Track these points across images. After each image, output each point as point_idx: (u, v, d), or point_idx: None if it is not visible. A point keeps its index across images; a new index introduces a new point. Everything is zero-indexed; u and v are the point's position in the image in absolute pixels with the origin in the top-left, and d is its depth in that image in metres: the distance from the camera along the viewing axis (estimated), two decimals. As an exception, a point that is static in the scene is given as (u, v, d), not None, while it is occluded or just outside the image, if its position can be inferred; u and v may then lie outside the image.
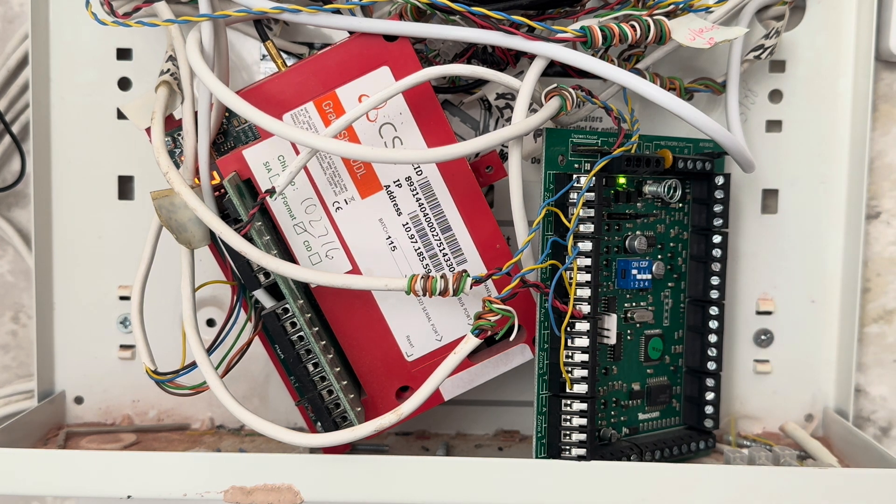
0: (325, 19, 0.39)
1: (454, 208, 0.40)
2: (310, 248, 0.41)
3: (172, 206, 0.39)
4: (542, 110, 0.38)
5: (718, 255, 0.44)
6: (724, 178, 0.44)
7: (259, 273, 0.40)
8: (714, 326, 0.45)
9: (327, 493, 0.40)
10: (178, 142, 0.43)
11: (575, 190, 0.38)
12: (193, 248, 0.41)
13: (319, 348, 0.40)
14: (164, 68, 0.43)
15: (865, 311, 0.52)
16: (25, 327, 0.53)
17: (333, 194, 0.40)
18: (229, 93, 0.38)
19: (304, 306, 0.40)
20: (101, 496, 0.40)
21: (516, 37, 0.37)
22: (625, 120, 0.40)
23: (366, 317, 0.42)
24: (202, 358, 0.40)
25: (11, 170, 0.52)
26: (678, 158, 0.42)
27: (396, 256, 0.41)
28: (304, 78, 0.39)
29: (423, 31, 0.38)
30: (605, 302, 0.42)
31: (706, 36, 0.38)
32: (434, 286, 0.36)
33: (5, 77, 0.50)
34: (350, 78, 0.39)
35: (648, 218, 0.43)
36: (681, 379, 0.46)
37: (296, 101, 0.40)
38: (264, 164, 0.40)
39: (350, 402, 0.41)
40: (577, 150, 0.40)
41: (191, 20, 0.38)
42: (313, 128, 0.40)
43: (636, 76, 0.37)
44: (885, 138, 0.51)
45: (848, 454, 0.47)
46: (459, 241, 0.41)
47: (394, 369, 0.42)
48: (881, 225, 0.52)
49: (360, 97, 0.39)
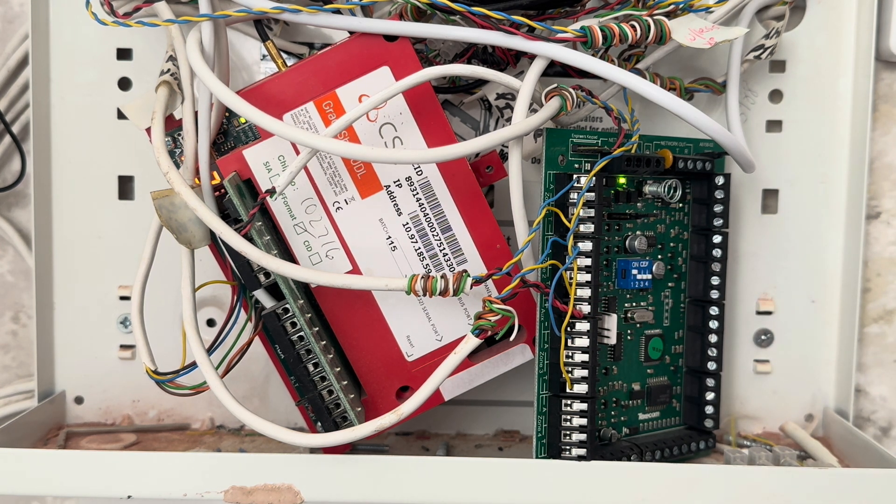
0: (325, 19, 0.39)
1: (454, 208, 0.40)
2: (310, 248, 0.41)
3: (173, 206, 0.39)
4: (542, 110, 0.38)
5: (718, 255, 0.44)
6: (724, 178, 0.44)
7: (259, 273, 0.40)
8: (714, 326, 0.44)
9: (327, 493, 0.40)
10: (178, 142, 0.43)
11: (575, 190, 0.38)
12: (193, 248, 0.41)
13: (320, 348, 0.40)
14: (164, 68, 0.43)
15: (865, 311, 0.52)
16: (25, 327, 0.53)
17: (333, 194, 0.40)
18: (229, 93, 0.38)
19: (305, 306, 0.40)
20: (101, 496, 0.40)
21: (516, 37, 0.37)
22: (625, 120, 0.40)
23: (366, 317, 0.42)
24: (202, 358, 0.40)
25: (11, 170, 0.52)
26: (678, 158, 0.42)
27: (396, 256, 0.41)
28: (304, 78, 0.39)
29: (423, 31, 0.38)
30: (606, 302, 0.42)
31: (706, 36, 0.38)
32: (434, 286, 0.36)
33: (5, 77, 0.50)
34: (350, 78, 0.39)
35: (648, 218, 0.43)
36: (681, 379, 0.46)
37: (296, 101, 0.40)
38: (264, 164, 0.40)
39: (350, 402, 0.41)
40: (577, 150, 0.40)
41: (191, 20, 0.38)
42: (313, 128, 0.40)
43: (636, 76, 0.37)
44: (885, 138, 0.51)
45: (848, 454, 0.47)
46: (459, 241, 0.41)
47: (394, 369, 0.42)
48: (881, 225, 0.52)
49: (361, 97, 0.39)
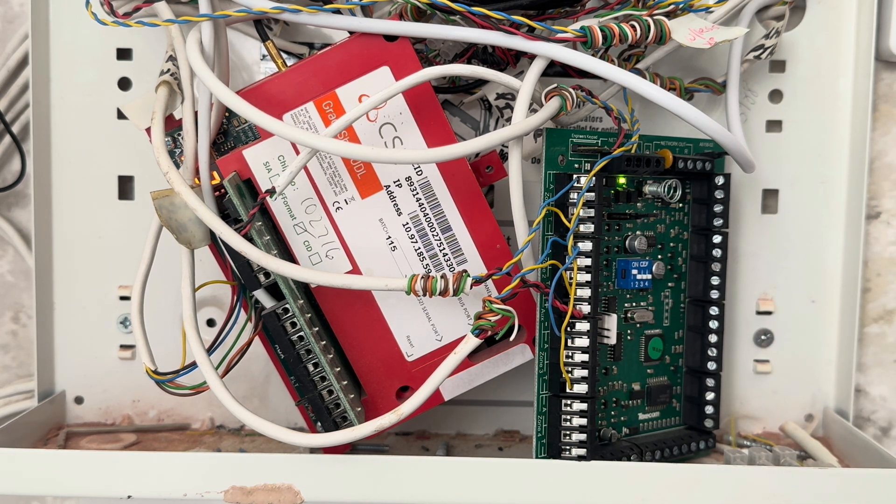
0: (325, 19, 0.39)
1: (454, 208, 0.40)
2: (310, 247, 0.41)
3: (173, 205, 0.39)
4: (542, 110, 0.38)
5: (718, 255, 0.44)
6: (724, 178, 0.44)
7: (259, 273, 0.40)
8: (714, 326, 0.44)
9: (327, 493, 0.40)
10: (178, 142, 0.43)
11: (575, 190, 0.38)
12: (194, 248, 0.41)
13: (319, 348, 0.40)
14: (164, 68, 0.43)
15: (865, 311, 0.52)
16: (25, 327, 0.53)
17: (333, 194, 0.40)
18: (229, 93, 0.38)
19: (305, 306, 0.40)
20: (101, 496, 0.40)
21: (516, 37, 0.37)
22: (625, 120, 0.40)
23: (366, 317, 0.42)
24: (202, 358, 0.40)
25: (11, 170, 0.52)
26: (678, 158, 0.42)
27: (396, 256, 0.41)
28: (304, 78, 0.39)
29: (423, 31, 0.38)
30: (606, 302, 0.42)
31: (706, 36, 0.38)
32: (434, 286, 0.36)
33: (5, 77, 0.50)
34: (350, 78, 0.39)
35: (648, 218, 0.43)
36: (681, 379, 0.46)
37: (296, 101, 0.40)
38: (264, 164, 0.40)
39: (350, 402, 0.41)
40: (577, 150, 0.40)
41: (191, 20, 0.38)
42: (313, 128, 0.40)
43: (636, 76, 0.37)
44: (885, 138, 0.51)
45: (848, 454, 0.47)
46: (459, 241, 0.41)
47: (394, 369, 0.42)
48: (881, 225, 0.52)
49: (361, 97, 0.39)
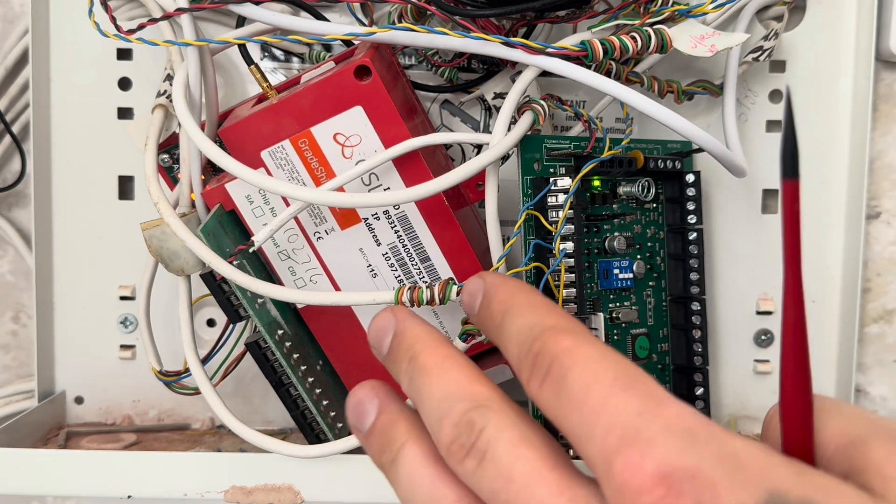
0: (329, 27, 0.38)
1: (432, 239, 0.41)
2: (294, 273, 0.42)
3: (164, 234, 0.39)
4: (515, 129, 0.38)
5: (695, 252, 0.44)
6: (694, 176, 0.44)
7: (238, 308, 0.41)
8: (697, 322, 0.44)
9: (327, 493, 0.40)
10: (176, 157, 0.44)
11: (553, 193, 0.39)
12: (187, 275, 0.41)
13: (297, 377, 0.41)
14: (161, 89, 0.43)
15: (865, 311, 0.52)
16: (25, 327, 0.53)
17: (314, 225, 0.41)
18: (213, 146, 0.38)
19: (285, 335, 0.41)
20: (101, 496, 0.40)
21: (517, 50, 0.36)
22: (595, 124, 0.40)
23: (353, 335, 0.42)
24: (202, 378, 0.41)
25: (11, 170, 0.52)
26: (649, 159, 0.42)
27: (378, 283, 0.41)
28: (280, 116, 0.39)
29: (426, 41, 0.37)
30: (591, 303, 0.42)
31: (707, 43, 0.38)
32: (420, 296, 0.36)
33: (4, 76, 0.50)
34: (325, 117, 0.39)
35: (625, 218, 0.43)
36: (669, 377, 0.46)
37: (273, 138, 0.40)
38: (246, 197, 0.40)
39: (330, 422, 0.42)
40: (551, 155, 0.40)
41: (191, 44, 0.38)
42: (291, 164, 0.40)
43: (626, 87, 0.36)
44: (885, 138, 0.51)
45: (847, 454, 0.47)
46: (438, 270, 0.41)
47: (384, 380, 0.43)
48: (881, 225, 0.52)
49: (335, 135, 0.39)
